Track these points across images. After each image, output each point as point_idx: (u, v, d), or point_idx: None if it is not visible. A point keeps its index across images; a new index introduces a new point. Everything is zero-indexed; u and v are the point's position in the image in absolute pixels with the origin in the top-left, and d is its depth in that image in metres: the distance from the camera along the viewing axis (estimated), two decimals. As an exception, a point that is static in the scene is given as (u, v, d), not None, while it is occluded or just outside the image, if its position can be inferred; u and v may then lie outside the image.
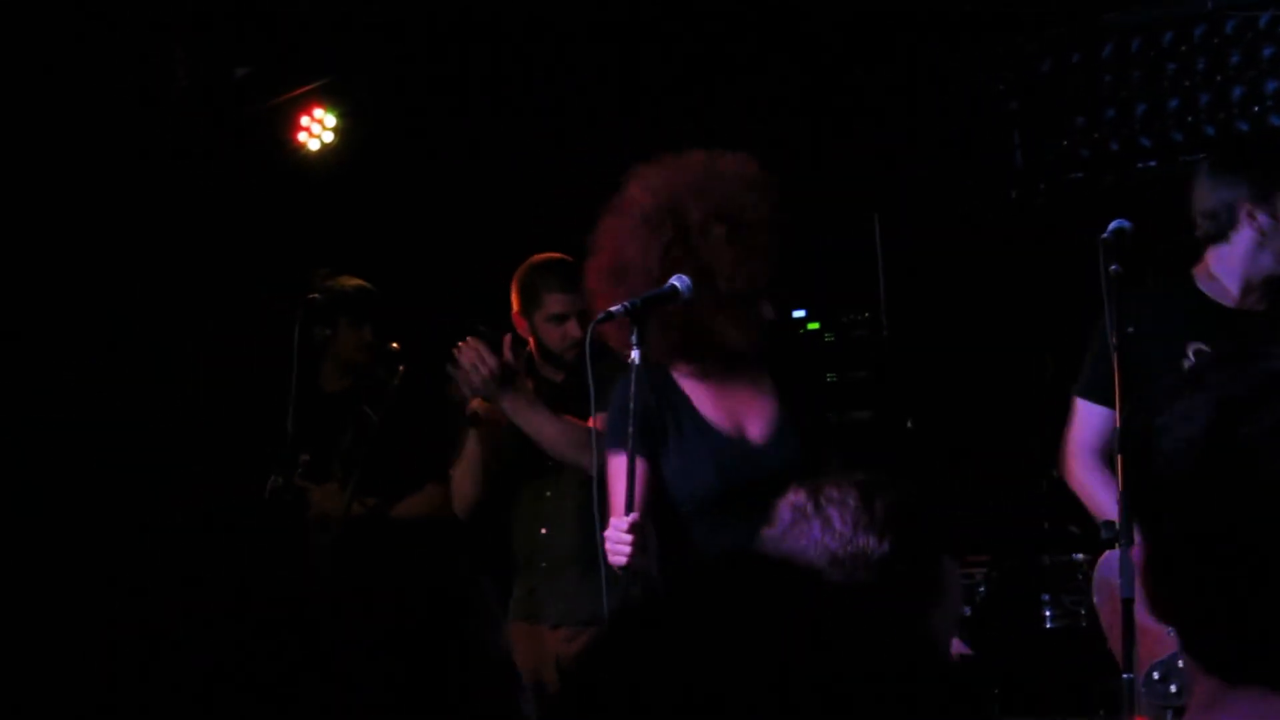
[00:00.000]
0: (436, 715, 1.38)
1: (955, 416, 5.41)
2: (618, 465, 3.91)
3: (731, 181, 4.00)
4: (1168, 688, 3.98)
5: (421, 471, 5.25)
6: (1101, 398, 4.21)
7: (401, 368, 5.14)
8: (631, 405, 3.67)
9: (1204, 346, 4.18)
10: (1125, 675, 3.67)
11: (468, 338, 4.50)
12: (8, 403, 5.80)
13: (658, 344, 3.93)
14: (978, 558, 5.31)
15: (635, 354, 3.70)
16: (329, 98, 6.64)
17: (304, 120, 6.63)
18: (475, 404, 4.76)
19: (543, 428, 4.57)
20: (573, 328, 4.85)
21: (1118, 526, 3.80)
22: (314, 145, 6.64)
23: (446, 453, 5.25)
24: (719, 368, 4.08)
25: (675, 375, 4.10)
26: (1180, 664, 3.90)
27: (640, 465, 3.84)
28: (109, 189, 6.19)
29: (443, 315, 6.17)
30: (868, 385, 5.52)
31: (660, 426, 4.03)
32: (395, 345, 5.19)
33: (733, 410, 4.11)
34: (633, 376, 3.69)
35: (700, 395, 4.09)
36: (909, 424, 4.38)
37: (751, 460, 4.02)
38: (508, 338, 4.59)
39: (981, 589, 5.20)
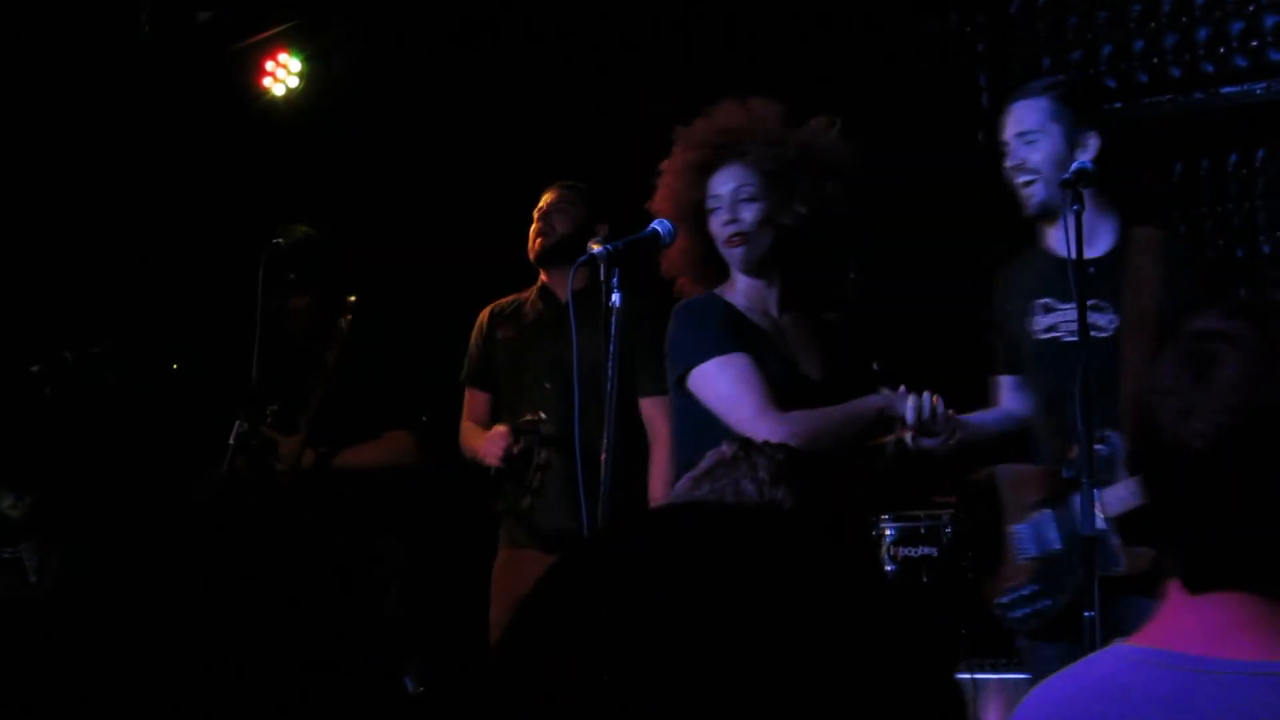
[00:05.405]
0: (308, 677, 1.37)
1: (921, 359, 5.42)
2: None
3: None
4: (1015, 613, 4.12)
5: (377, 419, 5.21)
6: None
7: (348, 316, 5.10)
8: (611, 348, 3.62)
9: (1050, 301, 4.24)
10: (1086, 613, 3.70)
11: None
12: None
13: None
14: (945, 499, 5.35)
15: (616, 297, 3.65)
16: (295, 42, 6.59)
17: (269, 65, 6.59)
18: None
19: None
20: None
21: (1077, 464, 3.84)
22: (279, 90, 6.60)
23: (409, 400, 5.23)
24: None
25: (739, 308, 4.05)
26: (1026, 591, 4.04)
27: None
28: (70, 134, 6.14)
29: (409, 263, 6.17)
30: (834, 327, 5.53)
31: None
32: (352, 298, 5.15)
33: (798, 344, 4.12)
34: (613, 320, 3.64)
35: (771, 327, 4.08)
36: (875, 366, 4.38)
37: (810, 393, 4.03)
38: None
39: (948, 530, 5.25)
